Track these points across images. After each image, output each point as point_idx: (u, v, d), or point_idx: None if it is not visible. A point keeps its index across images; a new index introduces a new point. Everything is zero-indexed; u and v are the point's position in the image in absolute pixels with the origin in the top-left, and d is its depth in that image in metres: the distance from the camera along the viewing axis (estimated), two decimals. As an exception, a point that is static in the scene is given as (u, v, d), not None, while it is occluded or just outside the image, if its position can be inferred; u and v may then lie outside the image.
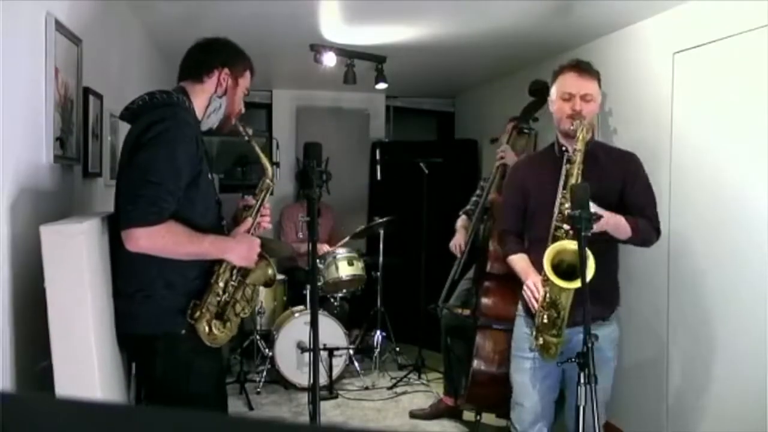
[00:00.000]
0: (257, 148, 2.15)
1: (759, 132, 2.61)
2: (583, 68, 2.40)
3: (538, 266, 2.35)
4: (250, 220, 2.05)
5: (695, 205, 3.01)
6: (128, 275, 1.88)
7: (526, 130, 3.77)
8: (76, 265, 1.71)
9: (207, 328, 1.90)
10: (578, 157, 2.26)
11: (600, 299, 2.25)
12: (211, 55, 2.06)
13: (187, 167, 1.83)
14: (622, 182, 2.39)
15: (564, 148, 2.42)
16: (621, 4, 3.15)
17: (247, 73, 2.12)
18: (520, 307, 2.52)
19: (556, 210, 2.27)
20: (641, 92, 3.39)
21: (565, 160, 2.30)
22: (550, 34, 3.73)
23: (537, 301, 2.30)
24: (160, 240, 1.77)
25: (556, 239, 2.25)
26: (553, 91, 2.44)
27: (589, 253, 2.10)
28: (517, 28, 3.62)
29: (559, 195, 2.27)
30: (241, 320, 2.03)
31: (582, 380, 1.98)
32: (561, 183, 2.28)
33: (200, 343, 1.91)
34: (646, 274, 3.34)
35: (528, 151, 3.89)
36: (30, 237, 1.71)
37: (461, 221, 3.94)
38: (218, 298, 1.93)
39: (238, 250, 1.95)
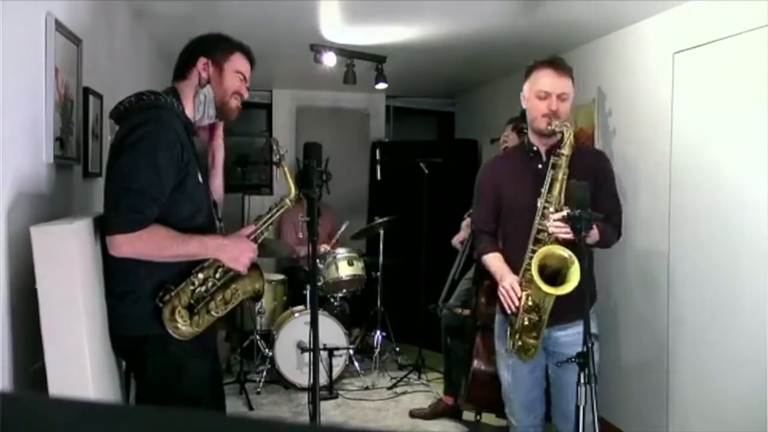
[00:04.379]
0: (286, 170, 2.12)
1: (759, 132, 2.61)
2: (560, 65, 2.36)
3: (513, 266, 2.37)
4: (253, 226, 2.04)
5: (695, 205, 3.01)
6: (118, 276, 1.87)
7: (525, 130, 3.77)
8: (67, 266, 1.71)
9: (170, 314, 1.83)
10: (563, 162, 2.23)
11: (579, 295, 2.25)
12: (190, 50, 2.02)
13: (170, 172, 1.81)
14: (593, 181, 2.35)
15: (535, 148, 2.41)
16: (621, 4, 3.15)
17: (235, 56, 2.04)
18: (498, 306, 2.52)
19: (538, 214, 2.26)
20: (641, 92, 3.39)
21: (550, 165, 2.27)
22: (550, 35, 3.73)
23: (515, 303, 2.30)
24: (143, 246, 1.77)
25: (538, 242, 2.25)
26: (527, 88, 2.41)
27: (574, 258, 2.11)
28: (517, 28, 3.62)
29: (543, 199, 2.25)
30: (214, 320, 1.95)
31: (582, 380, 1.98)
32: (545, 187, 2.25)
33: (191, 344, 1.89)
34: (646, 274, 3.34)
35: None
36: (29, 237, 1.71)
37: (466, 222, 3.95)
38: (192, 287, 1.88)
39: (230, 249, 1.92)
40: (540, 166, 2.38)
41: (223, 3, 3.24)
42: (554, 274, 2.20)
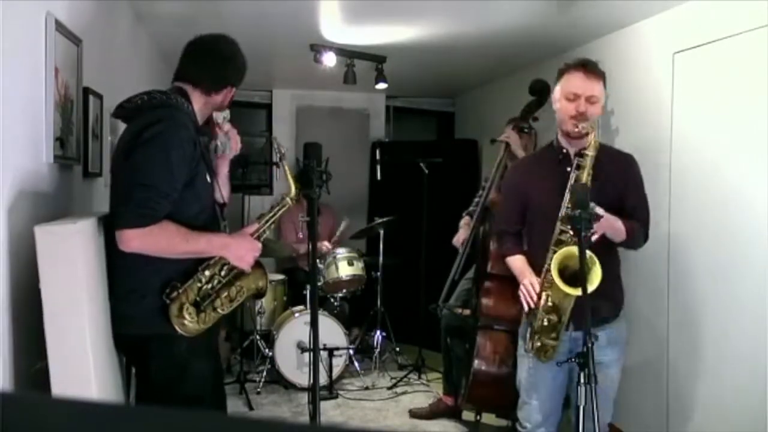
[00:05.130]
0: (286, 168, 2.16)
1: (759, 132, 2.61)
2: (590, 69, 2.35)
3: (538, 269, 2.34)
4: (257, 224, 2.06)
5: (695, 205, 3.01)
6: (123, 274, 1.88)
7: (526, 130, 3.78)
8: (71, 266, 1.71)
9: (177, 311, 1.85)
10: (588, 162, 2.22)
11: (606, 299, 2.24)
12: (227, 73, 2.06)
13: (182, 169, 1.83)
14: (622, 184, 2.38)
15: (564, 150, 2.40)
16: (621, 4, 3.15)
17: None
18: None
19: (561, 214, 2.24)
20: (641, 92, 3.39)
21: (574, 166, 2.26)
22: (550, 34, 3.73)
23: (533, 300, 2.29)
24: (152, 241, 1.78)
25: (560, 243, 2.23)
26: (557, 90, 2.39)
27: (595, 258, 2.09)
28: (517, 28, 3.62)
29: (566, 199, 2.24)
30: (219, 318, 1.97)
31: (582, 380, 1.98)
32: (569, 188, 2.24)
33: (196, 343, 1.90)
34: (647, 274, 3.34)
35: (528, 151, 3.89)
36: (29, 237, 1.71)
37: (464, 221, 3.96)
38: (199, 285, 1.90)
39: (236, 248, 1.94)
40: (568, 168, 2.35)
41: (224, 3, 3.24)
42: (575, 276, 2.19)
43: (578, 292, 2.11)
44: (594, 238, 2.14)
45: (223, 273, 1.95)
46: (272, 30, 3.75)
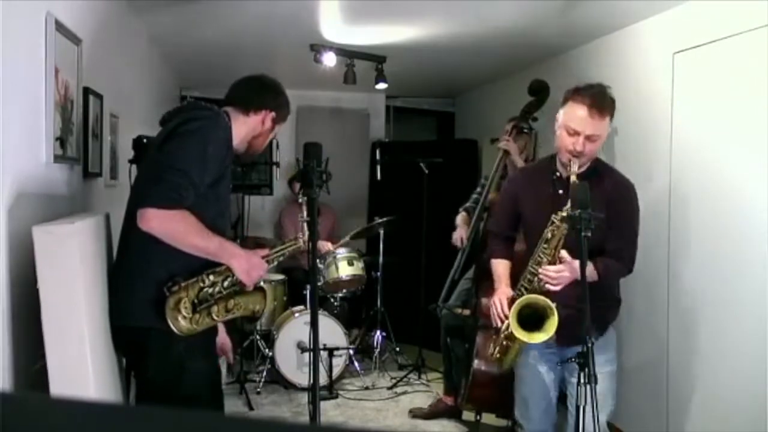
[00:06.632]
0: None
1: (759, 132, 2.61)
2: (597, 106, 2.22)
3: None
4: (268, 250, 2.09)
5: (695, 205, 3.01)
6: (131, 266, 1.90)
7: (525, 130, 3.78)
8: (69, 266, 1.71)
9: (174, 304, 1.84)
10: (562, 227, 2.18)
11: (593, 321, 2.25)
12: (266, 96, 2.14)
13: (214, 165, 1.88)
14: (604, 210, 2.19)
15: (558, 174, 2.39)
16: (621, 4, 3.15)
17: (283, 123, 2.24)
18: None
19: (533, 258, 2.27)
20: (641, 92, 3.39)
21: (549, 222, 2.23)
22: (550, 35, 3.73)
23: (501, 317, 2.33)
24: (172, 224, 1.80)
25: (529, 283, 2.29)
26: (561, 114, 2.31)
27: (554, 309, 2.14)
28: (517, 28, 3.62)
29: (541, 246, 2.25)
30: (212, 323, 1.98)
31: (582, 380, 1.99)
32: (544, 236, 2.24)
33: (193, 343, 1.90)
34: (646, 275, 3.34)
35: (527, 151, 3.89)
36: (29, 238, 1.71)
37: (461, 218, 3.96)
38: (201, 285, 1.91)
39: (245, 261, 1.96)
40: (561, 191, 2.33)
41: (224, 3, 3.24)
42: (534, 315, 2.24)
43: (533, 339, 2.20)
44: (554, 289, 2.20)
45: (225, 284, 1.96)
46: (272, 30, 3.75)
